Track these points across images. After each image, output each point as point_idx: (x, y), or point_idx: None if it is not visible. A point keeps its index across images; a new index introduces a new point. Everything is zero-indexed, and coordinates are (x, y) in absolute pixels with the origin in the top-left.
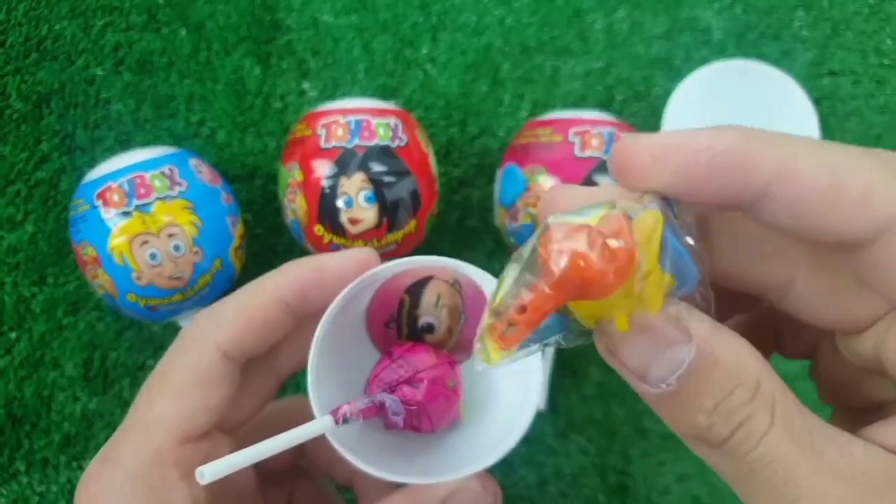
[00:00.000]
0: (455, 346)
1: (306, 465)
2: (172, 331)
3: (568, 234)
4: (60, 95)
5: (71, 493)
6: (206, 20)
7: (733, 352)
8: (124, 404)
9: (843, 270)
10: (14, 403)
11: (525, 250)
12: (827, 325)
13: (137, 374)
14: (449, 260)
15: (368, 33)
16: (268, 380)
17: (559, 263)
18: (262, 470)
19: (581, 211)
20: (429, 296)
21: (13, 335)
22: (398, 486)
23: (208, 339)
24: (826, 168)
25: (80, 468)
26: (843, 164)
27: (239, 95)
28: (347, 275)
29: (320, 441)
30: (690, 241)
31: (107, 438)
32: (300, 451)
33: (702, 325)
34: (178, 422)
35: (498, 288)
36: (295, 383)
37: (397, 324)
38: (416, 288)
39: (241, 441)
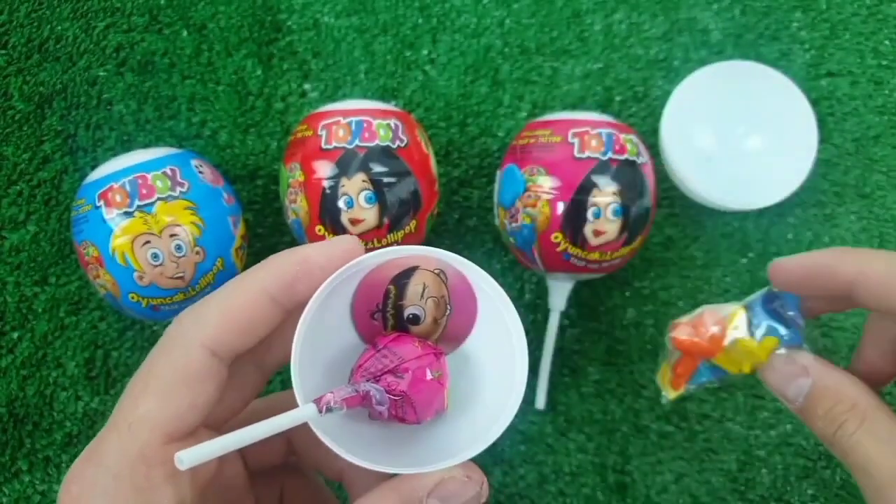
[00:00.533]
0: (441, 337)
1: (295, 461)
2: None
3: (679, 328)
4: (62, 96)
5: None
6: (207, 21)
7: (836, 380)
8: None
9: None
10: (16, 402)
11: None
12: None
13: None
14: (432, 249)
15: (369, 35)
16: (253, 375)
17: (673, 344)
18: (252, 466)
19: (692, 312)
20: (414, 286)
21: (15, 335)
22: (387, 479)
23: (193, 337)
24: (891, 268)
25: None
26: None
27: (240, 96)
28: (332, 264)
29: (309, 436)
30: (795, 316)
31: None
32: (290, 447)
33: (814, 364)
34: (163, 421)
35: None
36: (282, 381)
37: (382, 314)
38: (401, 278)
39: None
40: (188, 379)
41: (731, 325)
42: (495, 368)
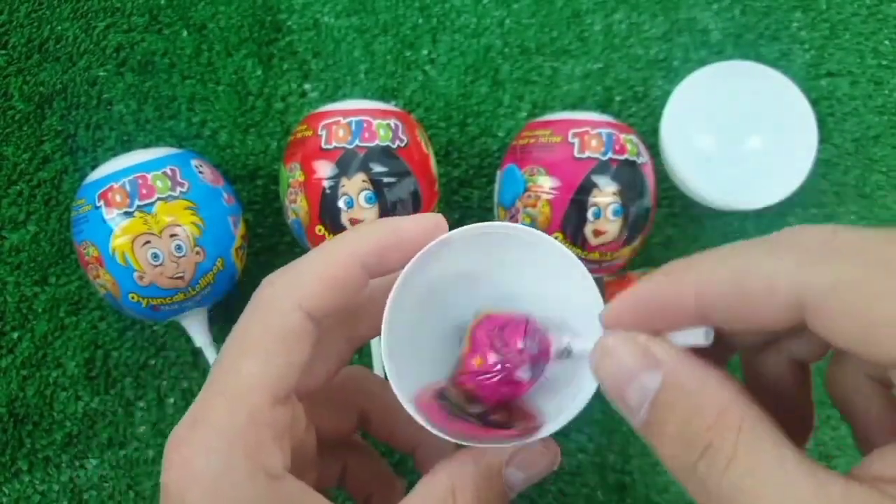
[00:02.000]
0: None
1: (359, 439)
2: (174, 330)
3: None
4: (62, 96)
5: (73, 491)
6: (207, 21)
7: (698, 379)
8: (126, 403)
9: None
10: (16, 402)
11: None
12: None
13: (139, 373)
14: (519, 227)
15: (369, 35)
16: (342, 345)
17: None
18: (321, 437)
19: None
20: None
21: (15, 335)
22: (463, 449)
23: (289, 297)
24: (733, 280)
25: (83, 467)
26: (747, 271)
27: (240, 96)
28: (423, 238)
29: (386, 408)
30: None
31: (109, 437)
32: (363, 418)
33: (669, 353)
34: (269, 383)
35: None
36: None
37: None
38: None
39: (309, 409)
40: (287, 339)
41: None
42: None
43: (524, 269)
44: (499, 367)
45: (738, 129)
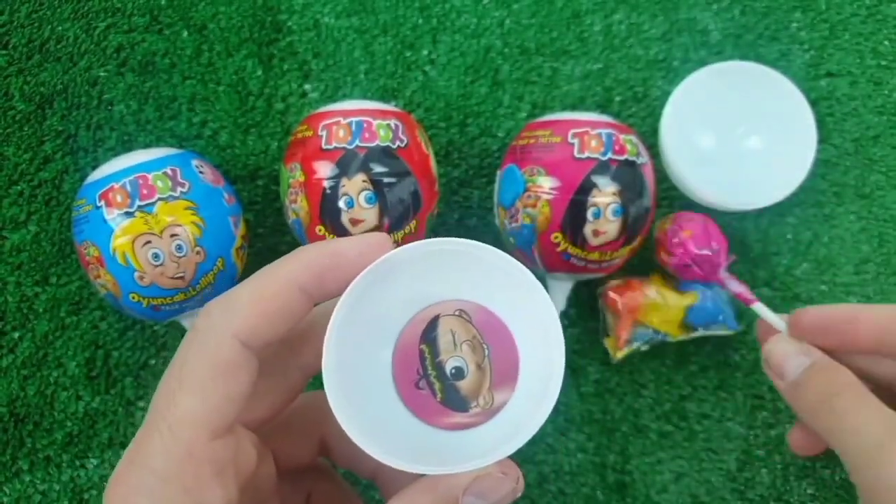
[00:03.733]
0: (493, 384)
1: (324, 463)
2: (175, 330)
3: (609, 290)
4: (63, 96)
5: (73, 491)
6: (208, 22)
7: (836, 365)
8: (127, 403)
9: None
10: (17, 402)
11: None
12: None
13: (140, 373)
14: (461, 241)
15: (369, 35)
16: (293, 373)
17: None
18: (281, 466)
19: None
20: (444, 336)
21: (16, 334)
22: (421, 477)
23: (224, 328)
24: (879, 320)
25: (83, 467)
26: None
27: (241, 97)
28: (364, 259)
29: (343, 435)
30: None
31: (110, 437)
32: (323, 446)
33: (813, 348)
34: (205, 417)
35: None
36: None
37: (427, 380)
38: (428, 333)
39: (266, 438)
40: (223, 371)
41: (651, 286)
42: (528, 367)
43: (478, 285)
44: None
45: (738, 130)
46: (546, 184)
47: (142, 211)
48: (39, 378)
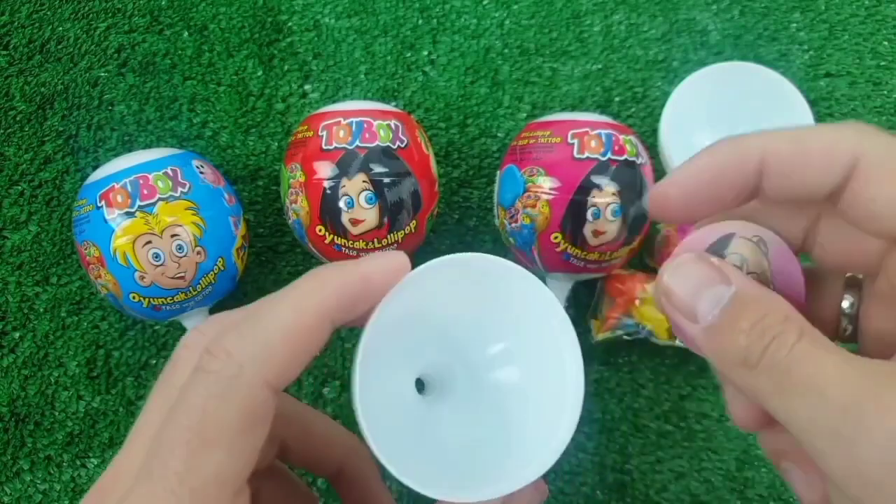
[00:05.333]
0: None
1: (278, 464)
2: (175, 330)
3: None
4: (64, 97)
5: (74, 491)
6: (208, 22)
7: (765, 293)
8: (128, 403)
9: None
10: (18, 402)
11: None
12: (853, 269)
13: (140, 372)
14: (475, 256)
15: (369, 36)
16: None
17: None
18: None
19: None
20: (731, 256)
21: (17, 334)
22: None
23: (256, 374)
24: (796, 139)
25: (84, 466)
26: (809, 134)
27: (241, 97)
28: (387, 284)
29: (304, 436)
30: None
31: (110, 437)
32: (282, 448)
33: (739, 274)
34: (234, 475)
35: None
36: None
37: None
38: (717, 249)
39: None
40: (254, 423)
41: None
42: (545, 384)
43: (489, 298)
44: None
45: (737, 130)
46: (546, 184)
47: (142, 211)
48: (40, 378)
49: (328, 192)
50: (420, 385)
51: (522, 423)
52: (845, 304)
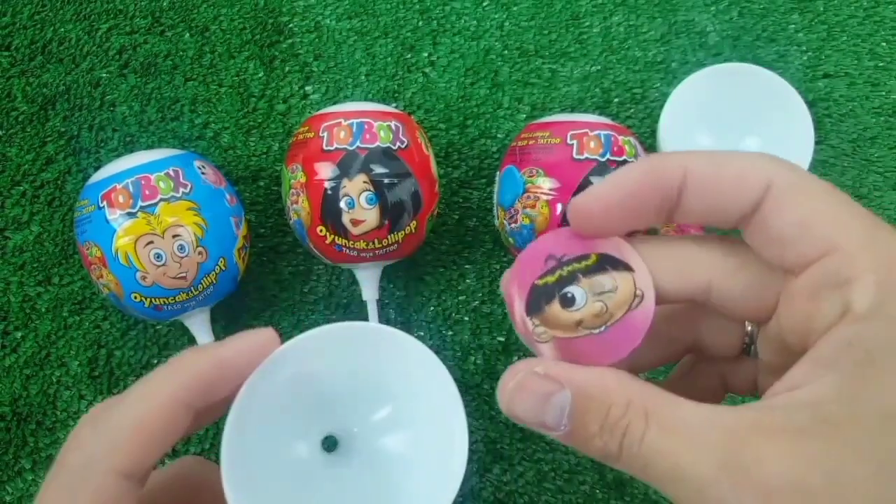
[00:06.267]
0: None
1: None
2: (177, 329)
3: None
4: (66, 98)
5: None
6: (209, 24)
7: (600, 385)
8: None
9: (751, 265)
10: (20, 401)
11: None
12: (748, 316)
13: (142, 372)
14: (358, 324)
15: (370, 37)
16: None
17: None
18: None
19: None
20: (575, 296)
21: (19, 334)
22: None
23: (103, 464)
24: (714, 161)
25: None
26: (726, 158)
27: (243, 98)
28: (250, 364)
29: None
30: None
31: None
32: None
33: (571, 373)
34: None
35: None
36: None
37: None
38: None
39: None
40: None
41: None
42: (430, 449)
43: (371, 363)
44: None
45: (736, 131)
46: (545, 185)
47: (144, 211)
48: (42, 377)
49: (329, 192)
50: (334, 442)
51: (406, 489)
52: (749, 327)
